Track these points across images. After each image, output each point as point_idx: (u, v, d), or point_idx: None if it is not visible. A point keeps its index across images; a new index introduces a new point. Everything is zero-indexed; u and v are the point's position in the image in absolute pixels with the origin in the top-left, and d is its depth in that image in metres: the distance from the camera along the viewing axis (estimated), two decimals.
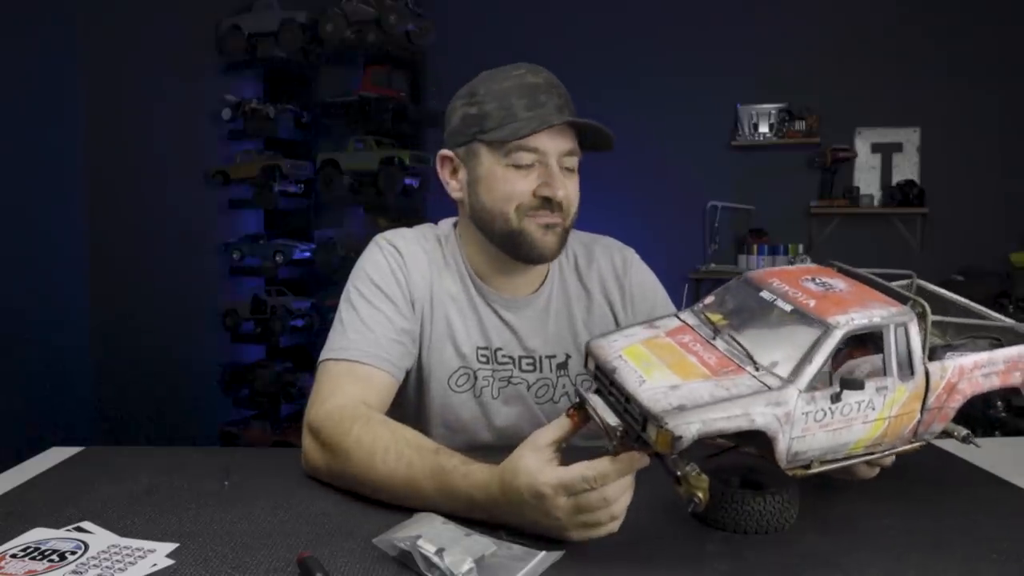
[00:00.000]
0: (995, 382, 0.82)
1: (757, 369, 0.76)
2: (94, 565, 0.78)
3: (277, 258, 3.89)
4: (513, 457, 0.85)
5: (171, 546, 0.82)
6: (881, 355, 0.77)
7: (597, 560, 0.78)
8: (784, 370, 0.74)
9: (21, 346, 2.90)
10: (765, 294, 0.82)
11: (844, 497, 0.90)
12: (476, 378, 1.24)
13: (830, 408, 0.74)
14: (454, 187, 1.24)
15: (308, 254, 4.00)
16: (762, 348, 0.77)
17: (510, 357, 1.25)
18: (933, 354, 0.83)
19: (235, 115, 3.89)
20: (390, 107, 3.91)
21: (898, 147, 4.19)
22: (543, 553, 0.79)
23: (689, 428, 0.70)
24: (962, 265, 3.70)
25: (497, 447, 1.21)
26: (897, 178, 4.15)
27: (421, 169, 3.87)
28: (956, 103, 4.06)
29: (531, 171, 1.16)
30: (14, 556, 0.80)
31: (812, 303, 0.78)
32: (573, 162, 1.20)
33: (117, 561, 0.79)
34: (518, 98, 1.16)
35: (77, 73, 3.11)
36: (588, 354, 0.86)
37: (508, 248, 1.20)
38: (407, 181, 3.90)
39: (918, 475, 0.99)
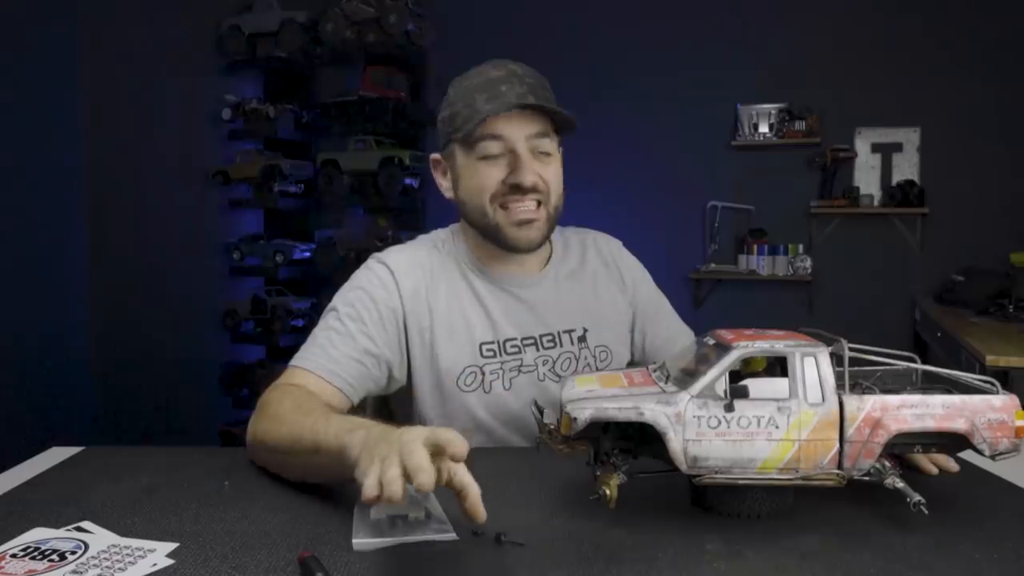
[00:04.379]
0: (929, 424, 0.82)
1: (667, 383, 0.85)
2: (94, 565, 0.78)
3: (277, 258, 3.89)
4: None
5: (171, 546, 0.82)
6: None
7: (596, 559, 0.78)
8: (687, 383, 0.83)
9: (21, 346, 2.90)
10: (707, 339, 0.88)
11: (845, 497, 0.90)
12: (484, 374, 1.25)
13: (724, 417, 0.80)
14: (445, 188, 1.31)
15: (308, 254, 4.00)
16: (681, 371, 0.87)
17: (521, 343, 1.28)
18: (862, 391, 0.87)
19: (235, 115, 3.90)
20: (390, 107, 3.91)
21: (898, 147, 4.18)
22: (452, 534, 0.83)
23: (583, 412, 0.81)
24: (962, 265, 3.69)
25: (512, 441, 1.27)
26: (897, 178, 4.15)
27: (421, 169, 3.87)
28: (956, 103, 4.06)
29: (500, 160, 1.21)
30: (14, 556, 0.80)
31: (730, 336, 0.85)
32: (547, 145, 1.22)
33: (117, 561, 0.79)
34: (480, 92, 1.19)
35: (77, 73, 3.12)
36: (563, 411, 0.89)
37: (491, 240, 1.26)
38: (407, 181, 3.90)
39: (918, 476, 0.99)
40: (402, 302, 1.25)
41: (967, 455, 0.91)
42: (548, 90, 1.23)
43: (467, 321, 1.26)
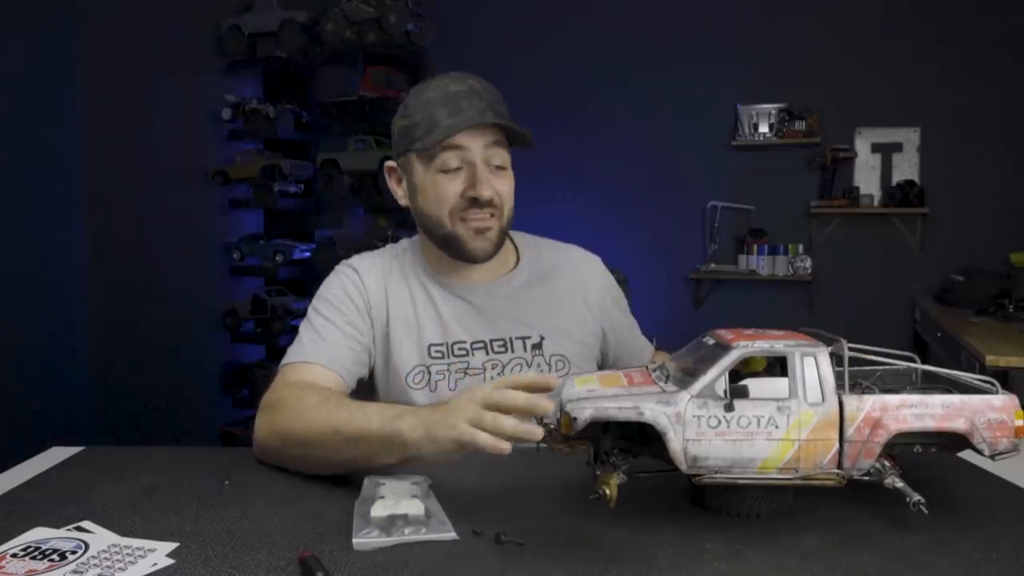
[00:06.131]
0: (929, 424, 0.82)
1: (667, 383, 0.86)
2: (94, 564, 0.78)
3: (277, 258, 3.89)
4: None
5: (171, 545, 0.83)
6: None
7: (596, 559, 0.78)
8: (687, 383, 0.83)
9: (21, 346, 2.90)
10: (707, 339, 0.89)
11: (844, 497, 0.90)
12: (430, 374, 1.30)
13: (724, 416, 0.81)
14: (399, 195, 1.36)
15: (308, 254, 4.00)
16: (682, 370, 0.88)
17: (470, 347, 1.32)
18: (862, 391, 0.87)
19: (235, 115, 3.89)
20: (390, 107, 3.91)
21: (898, 147, 4.18)
22: (452, 534, 0.84)
23: (583, 412, 0.82)
24: (962, 265, 3.69)
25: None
26: (897, 178, 4.15)
27: None
28: (956, 103, 4.06)
29: (458, 174, 1.24)
30: (15, 556, 0.80)
31: (730, 336, 0.85)
32: (501, 158, 1.27)
33: (117, 560, 0.79)
34: (440, 107, 1.23)
35: (77, 73, 3.11)
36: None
37: (447, 250, 1.30)
38: None
39: (918, 475, 0.99)
40: (368, 298, 1.32)
41: (967, 455, 0.91)
42: (504, 104, 1.28)
43: (419, 323, 1.32)
